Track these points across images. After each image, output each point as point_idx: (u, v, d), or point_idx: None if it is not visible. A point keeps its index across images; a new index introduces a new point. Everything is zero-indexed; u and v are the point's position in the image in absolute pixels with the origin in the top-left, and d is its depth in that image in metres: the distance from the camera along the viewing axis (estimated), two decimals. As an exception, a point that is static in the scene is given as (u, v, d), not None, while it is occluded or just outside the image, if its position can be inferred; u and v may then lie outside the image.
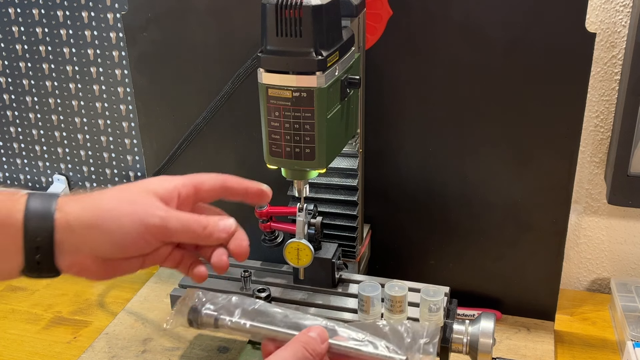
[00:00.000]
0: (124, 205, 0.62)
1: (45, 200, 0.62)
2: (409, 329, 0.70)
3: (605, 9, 1.00)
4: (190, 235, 0.66)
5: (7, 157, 1.41)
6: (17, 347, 1.03)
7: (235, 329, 0.75)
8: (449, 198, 1.01)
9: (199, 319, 0.78)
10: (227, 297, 0.79)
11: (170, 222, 0.63)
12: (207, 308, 0.77)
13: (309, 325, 0.70)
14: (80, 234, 0.61)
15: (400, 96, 0.98)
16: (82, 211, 0.62)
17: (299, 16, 0.68)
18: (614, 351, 1.00)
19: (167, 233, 0.64)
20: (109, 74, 1.25)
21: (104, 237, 0.62)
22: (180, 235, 0.65)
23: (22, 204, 0.61)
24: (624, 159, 0.98)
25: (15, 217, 0.60)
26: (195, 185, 0.69)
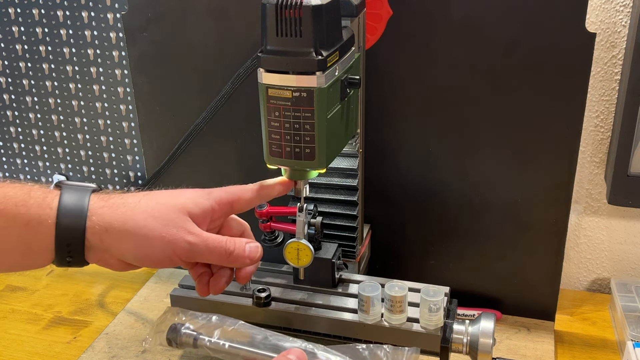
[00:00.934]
0: (156, 225, 0.63)
1: (76, 203, 0.62)
2: (388, 354, 0.70)
3: (605, 9, 1.00)
4: (216, 260, 0.68)
5: (7, 157, 1.41)
6: (17, 347, 1.03)
7: (214, 349, 0.76)
8: (449, 198, 1.01)
9: (178, 338, 0.79)
10: (207, 317, 0.80)
11: (197, 247, 0.65)
12: (186, 327, 0.78)
13: (288, 347, 0.70)
14: (109, 242, 0.63)
15: (400, 96, 0.98)
16: (113, 221, 0.63)
17: (299, 16, 0.68)
18: (614, 351, 1.00)
19: (193, 257, 0.67)
20: (109, 74, 1.25)
21: (132, 250, 0.64)
22: (205, 258, 0.68)
23: (54, 207, 0.62)
24: (624, 159, 0.98)
25: (47, 221, 0.61)
26: (232, 202, 0.71)
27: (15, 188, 0.62)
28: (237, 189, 0.73)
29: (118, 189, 1.36)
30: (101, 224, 0.62)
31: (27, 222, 0.61)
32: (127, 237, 0.63)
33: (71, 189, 0.64)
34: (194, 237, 0.65)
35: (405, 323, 0.82)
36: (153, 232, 0.63)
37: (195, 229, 0.66)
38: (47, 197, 0.62)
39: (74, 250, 0.62)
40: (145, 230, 0.63)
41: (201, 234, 0.66)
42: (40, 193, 0.63)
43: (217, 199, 0.70)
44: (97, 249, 0.64)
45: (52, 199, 0.62)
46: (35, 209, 0.61)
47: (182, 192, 0.69)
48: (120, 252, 0.64)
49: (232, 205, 0.71)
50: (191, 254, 0.66)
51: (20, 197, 0.61)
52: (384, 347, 0.71)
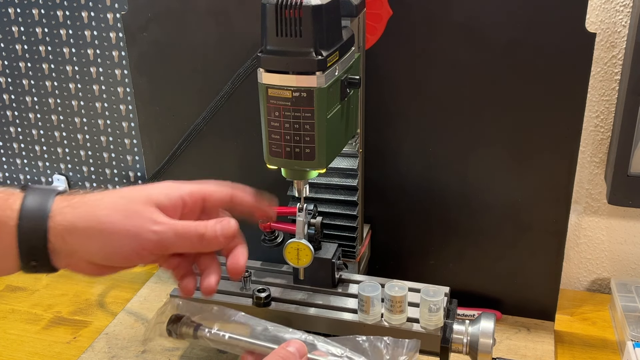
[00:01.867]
0: (119, 218, 0.60)
1: (39, 204, 0.60)
2: (389, 345, 0.70)
3: (605, 9, 1.00)
4: (188, 246, 0.64)
5: (7, 157, 1.41)
6: (17, 347, 1.03)
7: (214, 340, 0.74)
8: (449, 198, 1.01)
9: (178, 329, 0.77)
10: (208, 308, 0.78)
11: (165, 236, 0.61)
12: (186, 318, 0.77)
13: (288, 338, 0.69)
14: (73, 242, 0.60)
15: (400, 96, 0.98)
16: (76, 219, 0.60)
17: (299, 16, 0.68)
18: (614, 351, 1.00)
19: (163, 247, 0.63)
20: (109, 74, 1.25)
21: (98, 249, 0.61)
22: (177, 247, 0.64)
23: (16, 210, 0.60)
24: (624, 159, 0.98)
25: (9, 224, 0.59)
26: (203, 196, 0.68)
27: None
28: (211, 185, 0.69)
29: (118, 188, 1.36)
30: (64, 224, 0.59)
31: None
32: (91, 235, 0.60)
33: (35, 191, 0.61)
34: (160, 225, 0.61)
35: (405, 323, 0.82)
36: (116, 225, 0.60)
37: (161, 218, 0.62)
38: (9, 199, 0.60)
39: (38, 254, 0.60)
40: (108, 225, 0.60)
41: (168, 221, 0.62)
42: (2, 195, 0.60)
43: (187, 190, 0.66)
44: (63, 252, 0.61)
45: (14, 200, 0.60)
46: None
47: (150, 185, 0.66)
48: (87, 252, 0.61)
49: (204, 199, 0.68)
50: (160, 245, 0.62)
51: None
52: (384, 339, 0.71)
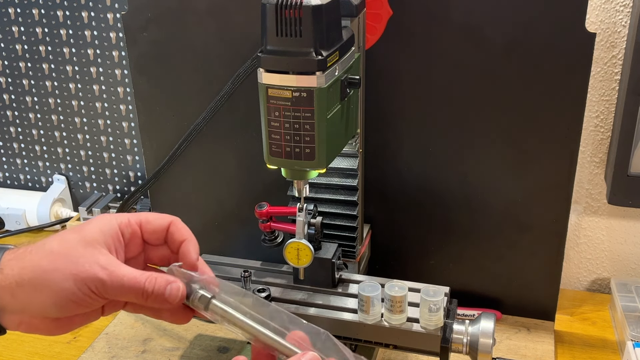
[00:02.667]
0: (65, 265, 0.58)
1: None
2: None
3: (605, 9, 1.00)
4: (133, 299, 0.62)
5: (7, 157, 1.41)
6: (17, 347, 1.03)
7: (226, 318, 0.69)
8: (449, 198, 1.01)
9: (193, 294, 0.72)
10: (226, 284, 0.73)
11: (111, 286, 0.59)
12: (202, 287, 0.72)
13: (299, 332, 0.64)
14: (22, 296, 0.58)
15: (400, 96, 0.98)
16: (22, 271, 0.58)
17: (299, 16, 0.68)
18: (614, 351, 1.00)
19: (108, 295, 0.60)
20: (109, 74, 1.25)
21: (50, 301, 0.58)
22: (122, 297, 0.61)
23: None
24: (624, 159, 0.98)
25: None
26: (139, 222, 0.65)
27: None
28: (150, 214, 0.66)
29: (118, 188, 1.36)
30: (10, 278, 0.58)
31: None
32: (38, 286, 0.57)
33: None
34: (106, 273, 0.58)
35: (405, 323, 0.82)
36: (64, 273, 0.58)
37: (109, 264, 0.59)
38: None
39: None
40: (55, 274, 0.57)
41: (116, 269, 0.59)
42: None
43: (123, 221, 0.63)
44: (13, 310, 0.59)
45: None
46: None
47: (84, 224, 0.62)
48: (39, 307, 0.59)
49: (140, 226, 0.65)
50: (105, 292, 0.59)
51: None
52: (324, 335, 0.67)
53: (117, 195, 1.36)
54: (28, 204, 1.34)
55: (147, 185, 1.10)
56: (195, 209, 1.14)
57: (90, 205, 1.27)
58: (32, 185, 1.42)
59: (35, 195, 1.36)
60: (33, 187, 1.42)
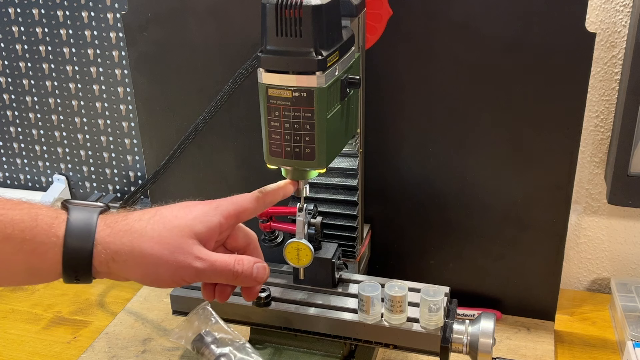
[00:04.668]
0: (163, 253, 0.64)
1: (84, 230, 0.62)
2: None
3: (605, 9, 1.00)
4: (223, 280, 0.69)
5: (7, 157, 1.41)
6: (17, 347, 1.03)
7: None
8: (448, 198, 1.01)
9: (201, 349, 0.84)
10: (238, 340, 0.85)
11: (205, 272, 0.66)
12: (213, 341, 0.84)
13: None
14: (116, 268, 0.64)
15: (400, 96, 0.98)
16: (120, 250, 0.63)
17: (299, 16, 0.68)
18: (614, 351, 1.00)
19: (201, 280, 0.68)
20: (109, 74, 1.25)
21: (139, 276, 0.65)
22: (213, 280, 0.69)
23: (61, 235, 0.62)
24: (624, 159, 0.98)
25: (54, 249, 0.62)
26: (238, 214, 0.71)
27: (22, 211, 0.62)
28: (242, 200, 0.72)
29: (118, 188, 1.36)
30: (108, 253, 0.63)
31: (34, 250, 0.61)
32: (134, 264, 0.64)
33: (78, 212, 0.63)
34: (201, 262, 0.65)
35: (405, 323, 0.82)
36: (161, 259, 0.64)
37: (202, 253, 0.66)
38: (53, 224, 0.62)
39: (81, 275, 0.63)
40: (152, 259, 0.64)
41: (208, 257, 0.66)
42: (47, 219, 0.62)
43: (224, 213, 0.69)
44: (104, 273, 0.65)
45: (58, 225, 0.62)
46: (42, 237, 0.61)
47: (189, 210, 0.68)
48: (127, 276, 0.65)
49: (238, 217, 0.71)
50: (198, 278, 0.67)
51: (27, 223, 0.61)
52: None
53: (117, 195, 1.36)
54: (28, 204, 1.34)
55: (147, 185, 1.10)
56: (195, 209, 1.13)
57: (90, 205, 1.27)
58: (32, 185, 1.42)
59: (36, 195, 1.36)
60: (33, 187, 1.42)
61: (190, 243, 0.65)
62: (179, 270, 0.65)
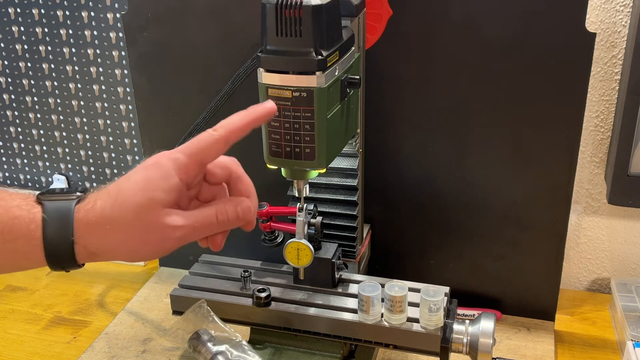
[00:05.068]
0: (138, 236, 0.63)
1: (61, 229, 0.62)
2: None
3: (605, 9, 1.00)
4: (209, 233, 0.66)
5: (7, 157, 1.41)
6: (17, 347, 1.03)
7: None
8: (448, 198, 1.01)
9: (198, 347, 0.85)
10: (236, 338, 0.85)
11: (188, 236, 0.64)
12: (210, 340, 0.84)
13: None
14: (100, 258, 0.65)
15: (400, 96, 0.98)
16: (98, 241, 0.63)
17: (299, 16, 0.68)
18: (614, 351, 1.00)
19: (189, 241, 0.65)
20: (109, 74, 1.25)
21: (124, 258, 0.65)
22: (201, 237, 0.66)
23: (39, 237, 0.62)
24: (624, 159, 0.98)
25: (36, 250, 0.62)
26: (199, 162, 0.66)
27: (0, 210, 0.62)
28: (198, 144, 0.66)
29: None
30: (88, 248, 0.63)
31: (17, 250, 0.62)
32: (116, 253, 0.64)
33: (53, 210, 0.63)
34: (180, 230, 0.63)
35: (405, 323, 0.82)
36: (139, 241, 0.63)
37: (178, 220, 0.63)
38: (30, 227, 0.62)
39: (67, 267, 0.64)
40: (130, 245, 0.63)
41: (186, 221, 0.63)
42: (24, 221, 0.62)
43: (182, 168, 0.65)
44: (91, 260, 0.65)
45: (35, 228, 0.62)
46: (23, 240, 0.62)
47: (146, 177, 0.64)
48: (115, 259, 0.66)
49: (201, 163, 0.67)
50: (185, 242, 0.64)
51: (6, 225, 0.62)
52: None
53: (117, 195, 1.35)
54: (28, 204, 1.34)
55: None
56: (195, 209, 1.13)
57: (90, 205, 1.27)
58: (32, 185, 1.42)
59: (35, 195, 1.36)
60: (33, 187, 1.42)
61: (161, 215, 0.62)
62: (162, 245, 0.63)
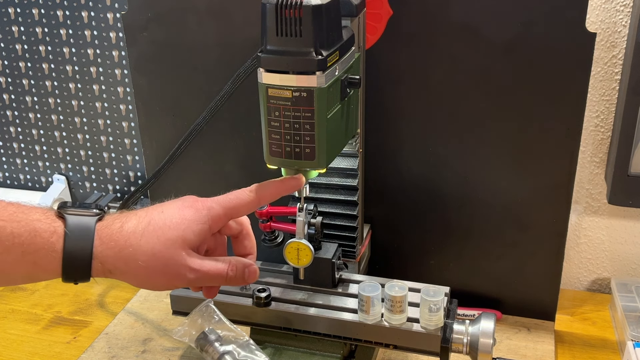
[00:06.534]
0: (158, 265, 0.67)
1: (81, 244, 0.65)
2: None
3: (605, 9, 1.00)
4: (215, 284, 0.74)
5: (7, 157, 1.41)
6: (17, 347, 1.03)
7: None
8: (449, 198, 1.01)
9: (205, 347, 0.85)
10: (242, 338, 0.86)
11: (198, 281, 0.70)
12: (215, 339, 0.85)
13: None
14: (113, 277, 0.68)
15: (400, 96, 0.98)
16: (117, 262, 0.67)
17: (299, 16, 0.68)
18: (614, 351, 1.00)
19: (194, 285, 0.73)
20: (109, 74, 1.25)
21: (135, 283, 0.69)
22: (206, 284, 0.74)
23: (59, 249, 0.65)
24: (624, 159, 0.98)
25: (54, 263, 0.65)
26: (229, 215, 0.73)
27: (20, 224, 0.64)
28: (235, 202, 0.73)
29: (118, 188, 1.36)
30: (105, 266, 0.66)
31: (35, 262, 0.64)
32: (130, 276, 0.68)
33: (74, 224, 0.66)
34: (194, 273, 0.69)
35: (405, 323, 0.82)
36: (155, 272, 0.67)
37: (195, 263, 0.69)
38: (51, 240, 0.64)
39: (80, 281, 0.68)
40: (147, 271, 0.67)
41: (201, 267, 0.69)
42: (45, 234, 0.64)
43: (214, 218, 0.71)
44: (102, 277, 0.69)
45: (56, 240, 0.65)
46: (42, 253, 0.64)
47: (181, 216, 0.70)
48: (125, 281, 0.69)
49: (229, 217, 0.74)
50: (191, 285, 0.71)
51: (26, 238, 0.64)
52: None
53: (117, 195, 1.35)
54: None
55: (147, 185, 1.10)
56: (195, 209, 1.13)
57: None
58: (32, 185, 1.42)
59: (35, 195, 1.36)
60: (33, 187, 1.42)
61: (184, 255, 0.68)
62: (173, 280, 0.69)
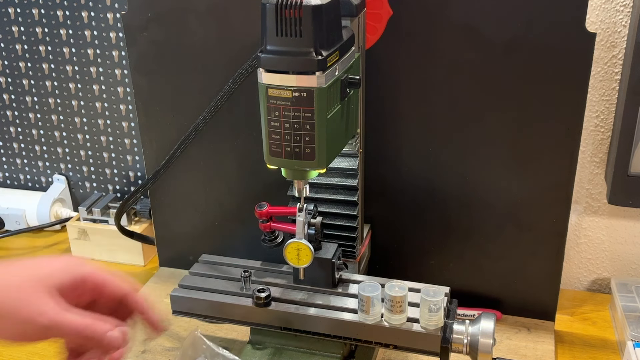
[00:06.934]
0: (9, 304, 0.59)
1: None
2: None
3: (605, 9, 1.00)
4: (75, 342, 0.65)
5: (7, 157, 1.41)
6: (17, 347, 1.03)
7: None
8: (449, 198, 1.01)
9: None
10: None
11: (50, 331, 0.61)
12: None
13: None
14: None
15: (400, 96, 0.98)
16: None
17: (299, 16, 0.68)
18: (614, 351, 1.00)
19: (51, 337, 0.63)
20: (109, 74, 1.25)
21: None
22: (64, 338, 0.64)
23: None
24: (624, 159, 0.98)
25: None
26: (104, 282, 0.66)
27: None
28: (114, 276, 0.67)
29: (118, 188, 1.36)
30: None
31: None
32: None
33: None
34: (46, 318, 0.60)
35: (405, 323, 0.82)
36: (6, 311, 0.59)
37: (50, 308, 0.60)
38: None
39: None
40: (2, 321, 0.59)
41: (56, 315, 0.60)
42: None
43: (90, 271, 0.64)
44: None
45: None
46: None
47: (49, 262, 0.63)
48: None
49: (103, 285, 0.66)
50: (45, 336, 0.62)
51: None
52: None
53: (117, 195, 1.35)
54: (28, 204, 1.34)
55: (147, 185, 1.10)
56: (196, 209, 1.14)
57: (90, 205, 1.27)
58: (32, 185, 1.42)
59: (35, 195, 1.36)
60: (33, 187, 1.42)
61: (38, 297, 0.59)
62: (23, 325, 0.60)
